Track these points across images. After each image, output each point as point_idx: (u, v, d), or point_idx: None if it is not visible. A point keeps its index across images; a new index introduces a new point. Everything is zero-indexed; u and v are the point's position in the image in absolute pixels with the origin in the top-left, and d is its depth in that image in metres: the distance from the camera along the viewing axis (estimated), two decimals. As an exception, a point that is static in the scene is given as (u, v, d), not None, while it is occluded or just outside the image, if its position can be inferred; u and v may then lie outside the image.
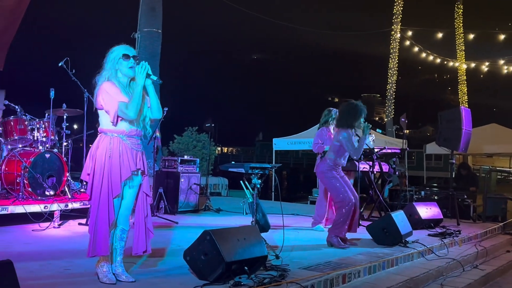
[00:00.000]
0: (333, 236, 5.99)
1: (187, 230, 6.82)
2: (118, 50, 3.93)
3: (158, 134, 8.76)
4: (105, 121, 3.92)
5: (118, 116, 3.83)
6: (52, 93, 7.30)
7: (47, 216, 6.45)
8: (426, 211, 7.77)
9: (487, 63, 28.61)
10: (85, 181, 4.05)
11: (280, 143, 16.88)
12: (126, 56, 3.89)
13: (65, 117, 7.70)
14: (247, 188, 5.72)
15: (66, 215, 6.89)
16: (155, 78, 3.91)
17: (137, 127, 3.98)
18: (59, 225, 6.60)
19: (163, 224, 7.36)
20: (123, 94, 3.86)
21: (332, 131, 7.30)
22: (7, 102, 7.36)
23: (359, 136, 6.36)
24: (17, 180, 6.68)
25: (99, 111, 3.97)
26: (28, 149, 7.15)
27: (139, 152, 3.99)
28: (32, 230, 6.17)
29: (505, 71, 28.23)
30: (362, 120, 6.23)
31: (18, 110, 7.27)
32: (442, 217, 8.03)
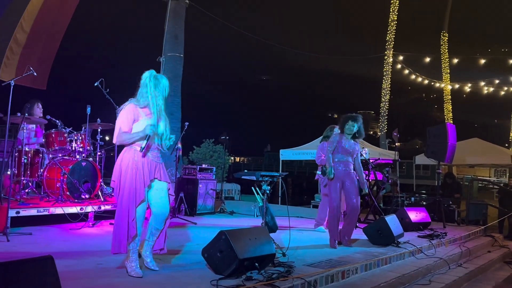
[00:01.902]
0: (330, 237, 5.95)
1: (204, 230, 6.81)
2: (163, 83, 4.03)
3: (179, 145, 8.80)
4: None
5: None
6: (88, 109, 7.37)
7: (82, 217, 6.50)
8: (415, 215, 7.71)
9: (469, 84, 28.52)
10: (112, 188, 4.09)
11: (286, 154, 16.88)
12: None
13: (99, 130, 7.75)
14: (257, 193, 5.71)
15: (99, 216, 6.91)
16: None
17: (157, 142, 4.03)
18: (93, 224, 6.62)
19: (183, 224, 7.36)
20: (140, 119, 3.95)
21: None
22: (49, 117, 7.42)
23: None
24: (57, 185, 6.72)
25: None
26: (67, 158, 7.19)
27: (158, 163, 4.05)
28: (70, 229, 6.20)
29: (485, 91, 28.16)
30: (347, 126, 6.07)
31: (59, 124, 7.33)
32: (430, 220, 7.98)
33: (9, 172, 6.55)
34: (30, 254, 4.40)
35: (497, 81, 28.33)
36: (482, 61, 27.22)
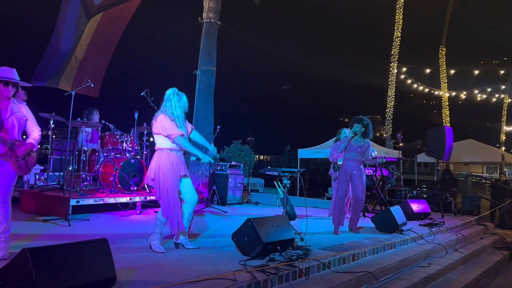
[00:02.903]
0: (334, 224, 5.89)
1: (233, 218, 6.84)
2: (184, 99, 4.23)
3: (212, 145, 8.83)
4: (164, 141, 4.13)
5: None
6: (136, 115, 7.51)
7: (131, 206, 6.60)
8: (417, 206, 7.59)
9: (464, 92, 27.91)
10: (151, 185, 4.21)
11: (304, 153, 16.82)
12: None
13: (145, 132, 7.87)
14: (279, 186, 5.70)
15: (146, 205, 7.01)
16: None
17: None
18: (140, 212, 6.71)
19: (216, 212, 7.40)
20: (175, 125, 4.11)
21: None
22: (104, 121, 7.56)
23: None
24: (110, 179, 6.85)
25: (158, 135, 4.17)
26: (119, 156, 7.32)
27: (183, 160, 4.25)
28: (121, 216, 6.30)
29: (479, 98, 27.55)
30: (353, 128, 5.99)
31: (112, 127, 7.46)
32: (430, 211, 7.83)
33: (70, 168, 6.70)
34: (88, 236, 4.48)
35: (489, 89, 27.73)
36: (476, 72, 26.65)
